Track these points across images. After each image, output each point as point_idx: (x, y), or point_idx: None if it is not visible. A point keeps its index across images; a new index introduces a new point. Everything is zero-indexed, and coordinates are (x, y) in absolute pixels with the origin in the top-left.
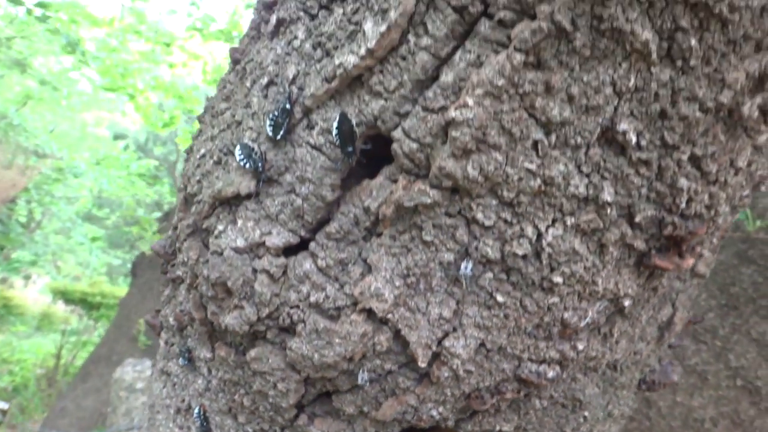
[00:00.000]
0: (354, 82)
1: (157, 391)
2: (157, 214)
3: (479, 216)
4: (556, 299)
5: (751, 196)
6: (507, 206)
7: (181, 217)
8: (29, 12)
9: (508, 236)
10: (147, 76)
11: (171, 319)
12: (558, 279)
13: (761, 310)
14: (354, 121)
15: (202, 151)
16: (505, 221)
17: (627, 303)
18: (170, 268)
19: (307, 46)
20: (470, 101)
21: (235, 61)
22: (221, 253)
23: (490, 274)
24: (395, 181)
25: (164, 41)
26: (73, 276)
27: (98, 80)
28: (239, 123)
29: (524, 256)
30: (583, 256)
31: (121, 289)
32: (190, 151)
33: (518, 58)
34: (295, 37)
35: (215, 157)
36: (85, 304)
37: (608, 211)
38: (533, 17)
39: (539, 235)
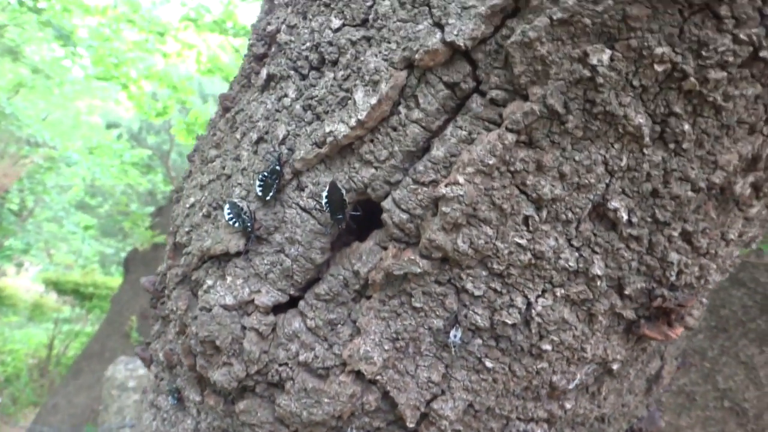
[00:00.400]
0: (344, 148)
1: (146, 422)
2: (150, 209)
3: (469, 286)
4: (545, 364)
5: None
6: (497, 277)
7: (170, 265)
8: (21, 2)
9: (498, 305)
10: (140, 65)
11: (161, 355)
12: (547, 346)
13: (750, 333)
14: (344, 190)
15: (192, 199)
16: (495, 291)
17: (615, 366)
18: (159, 305)
19: (298, 107)
20: (461, 179)
21: (225, 109)
22: (210, 310)
23: (479, 341)
24: (385, 248)
25: (158, 31)
26: (65, 265)
27: (91, 68)
28: (229, 176)
29: (513, 325)
30: (572, 324)
31: (114, 279)
32: (179, 192)
33: (510, 138)
34: (285, 95)
35: (204, 210)
36: (78, 294)
37: (598, 283)
38: (525, 98)
39: (529, 305)
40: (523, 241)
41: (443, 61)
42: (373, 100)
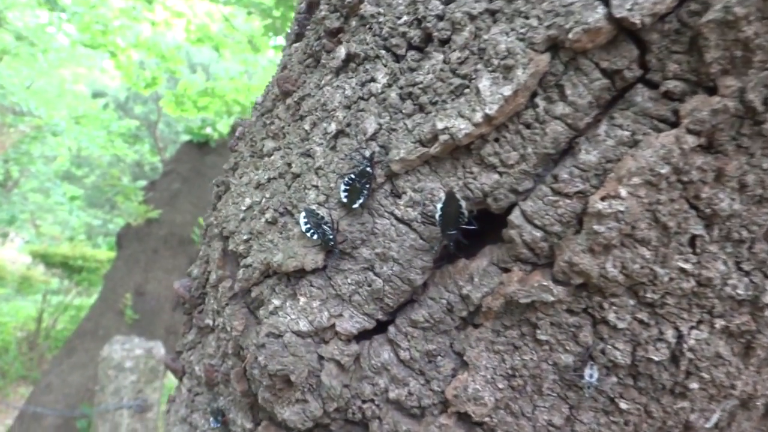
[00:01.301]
0: (458, 149)
1: None
2: (142, 182)
3: (611, 317)
4: (686, 404)
5: None
6: (646, 307)
7: (222, 276)
8: None
9: (643, 339)
10: (128, 33)
11: (197, 369)
12: (694, 384)
13: None
14: (462, 202)
15: (248, 200)
16: (641, 323)
17: (760, 402)
18: (197, 313)
19: (393, 95)
20: (623, 191)
21: (284, 93)
22: (280, 336)
23: (614, 379)
24: (505, 270)
25: None
26: (51, 236)
27: (76, 36)
28: (297, 176)
29: (659, 361)
30: (726, 359)
31: (102, 252)
32: (221, 186)
33: (690, 141)
34: (373, 80)
35: (268, 215)
36: (67, 267)
37: (766, 312)
38: (711, 91)
39: (680, 338)
40: (687, 266)
41: (604, 43)
42: (506, 91)
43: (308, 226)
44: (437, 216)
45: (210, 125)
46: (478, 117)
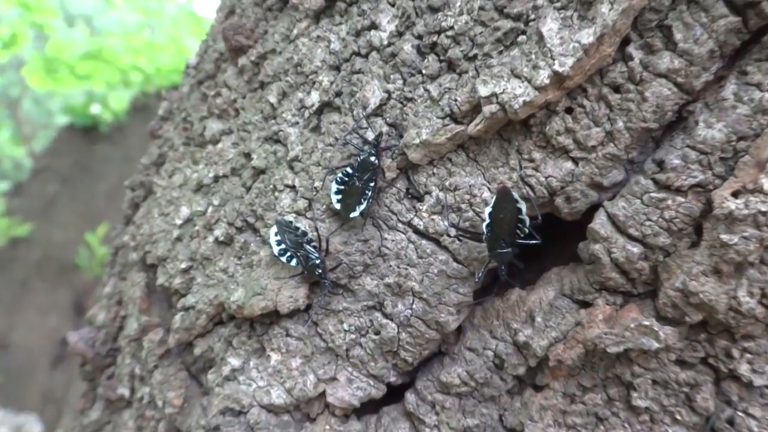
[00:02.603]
0: (509, 125)
1: None
2: (3, 186)
3: (742, 369)
4: None
5: None
6: None
7: (147, 325)
8: None
9: None
10: None
11: None
12: None
13: None
14: (522, 202)
15: (185, 210)
16: None
17: None
18: (105, 380)
19: (407, 48)
20: (766, 183)
21: (235, 49)
22: (242, 413)
23: None
24: (584, 304)
25: None
26: None
27: None
28: (261, 172)
29: None
30: None
31: None
32: (138, 189)
33: None
34: (374, 26)
35: (218, 232)
36: None
37: None
38: None
39: None
40: None
41: None
42: (585, 37)
43: (282, 246)
44: (484, 226)
45: (98, 101)
46: (543, 77)
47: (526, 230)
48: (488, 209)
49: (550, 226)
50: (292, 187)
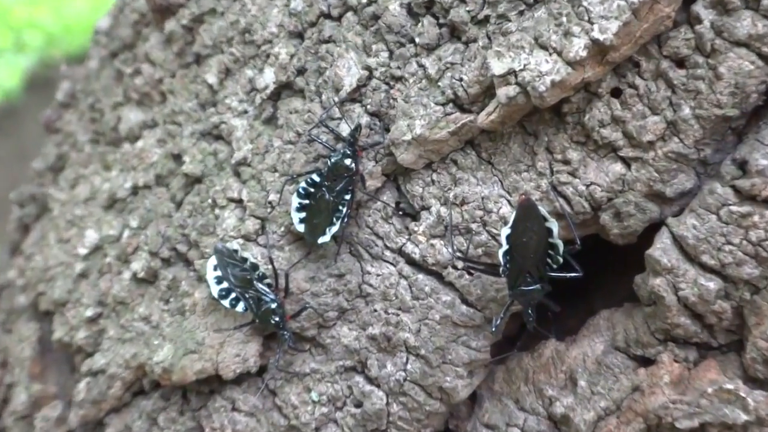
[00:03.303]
0: (534, 114)
1: None
2: None
3: None
4: None
5: None
6: None
7: (41, 396)
8: None
9: None
10: None
11: None
12: None
13: None
14: (552, 221)
15: (92, 235)
16: None
17: None
18: None
19: (394, 7)
20: None
21: (161, 9)
22: None
23: None
24: (644, 361)
25: None
26: None
27: None
28: (197, 181)
29: None
30: None
31: None
32: (28, 206)
33: None
34: None
35: (137, 266)
36: None
37: None
38: None
39: None
40: None
41: None
42: None
43: (224, 285)
44: (501, 254)
45: None
46: (578, 47)
47: (560, 259)
48: (506, 230)
49: (597, 253)
50: (239, 202)
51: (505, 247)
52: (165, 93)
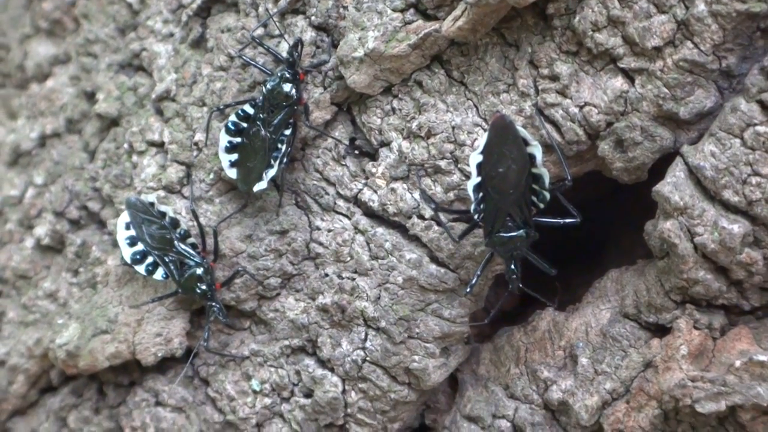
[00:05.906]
0: (516, 15)
1: None
2: None
3: None
4: None
5: None
6: None
7: None
8: None
9: None
10: None
11: None
12: None
13: None
14: (528, 136)
15: None
16: None
17: None
18: None
19: None
20: None
21: None
22: None
23: None
24: (658, 329)
25: None
26: None
27: None
28: (113, 123)
29: None
30: None
31: None
32: None
33: None
34: None
35: (42, 232)
36: None
37: None
38: None
39: None
40: None
41: None
42: None
43: (139, 247)
44: (471, 189)
45: None
46: None
47: (547, 195)
48: (477, 157)
49: (604, 195)
50: (160, 146)
51: (476, 179)
52: (78, 18)
